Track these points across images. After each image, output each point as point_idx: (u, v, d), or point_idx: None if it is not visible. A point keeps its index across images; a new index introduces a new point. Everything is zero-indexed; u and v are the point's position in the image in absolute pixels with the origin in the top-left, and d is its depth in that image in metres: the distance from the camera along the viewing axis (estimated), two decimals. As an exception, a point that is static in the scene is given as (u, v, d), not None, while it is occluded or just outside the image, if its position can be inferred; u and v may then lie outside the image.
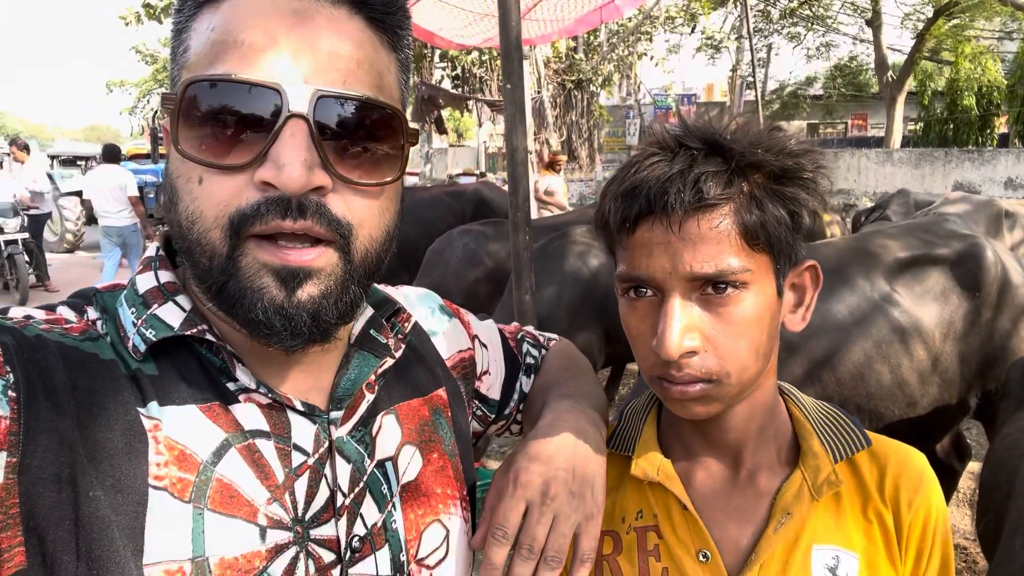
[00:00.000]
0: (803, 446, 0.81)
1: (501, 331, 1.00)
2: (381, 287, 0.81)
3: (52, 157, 15.58)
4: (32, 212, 9.69)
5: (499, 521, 0.71)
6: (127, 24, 8.58)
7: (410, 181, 15.11)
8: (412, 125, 0.65)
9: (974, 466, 3.52)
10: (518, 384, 0.98)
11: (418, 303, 0.89)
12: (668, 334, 0.69)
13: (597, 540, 0.74)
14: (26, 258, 8.91)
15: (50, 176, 13.93)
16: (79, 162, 16.56)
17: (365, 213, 0.60)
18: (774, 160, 0.71)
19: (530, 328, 1.06)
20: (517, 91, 1.67)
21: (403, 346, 0.75)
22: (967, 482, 3.71)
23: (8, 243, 8.84)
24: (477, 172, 16.12)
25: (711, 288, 0.70)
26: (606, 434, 0.86)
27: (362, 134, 0.59)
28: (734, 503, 0.81)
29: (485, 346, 0.94)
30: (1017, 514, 1.44)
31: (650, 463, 0.82)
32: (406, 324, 0.77)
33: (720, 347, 0.71)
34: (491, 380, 0.94)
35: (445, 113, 12.71)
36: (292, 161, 0.54)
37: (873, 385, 2.43)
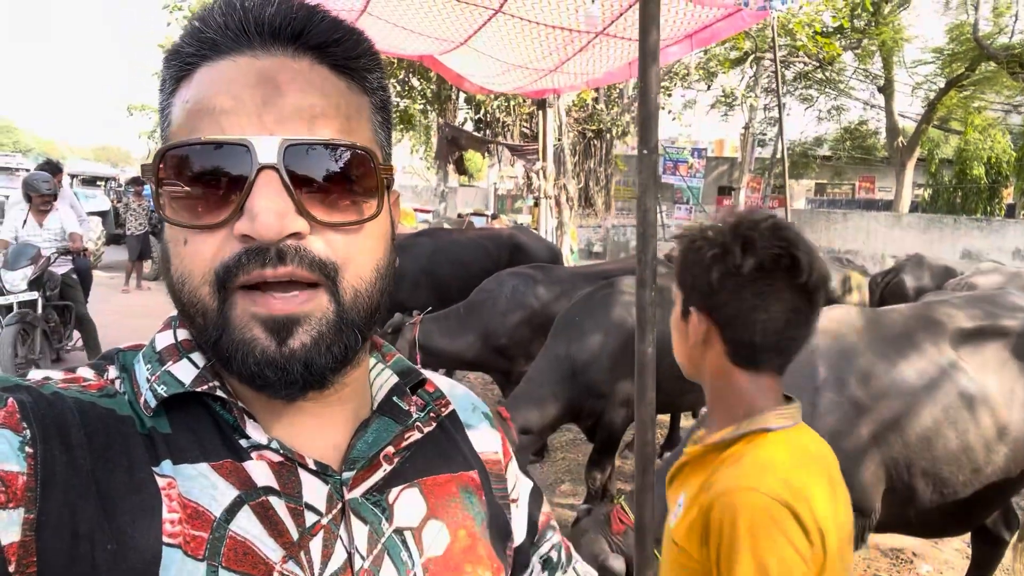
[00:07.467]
0: None
1: (533, 493, 0.89)
2: (411, 364, 0.80)
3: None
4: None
5: None
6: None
7: (422, 218, 15.15)
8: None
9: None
10: (533, 559, 0.85)
11: (460, 396, 0.83)
12: None
13: None
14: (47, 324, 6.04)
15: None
16: (99, 182, 16.76)
17: (349, 252, 0.60)
18: None
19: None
20: (652, 157, 1.75)
21: (434, 423, 0.73)
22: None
23: (23, 303, 5.77)
24: (488, 213, 16.27)
25: None
26: None
27: (335, 176, 0.59)
28: None
29: (516, 481, 0.85)
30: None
31: None
32: (443, 408, 0.74)
33: None
34: (515, 511, 0.85)
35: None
36: (264, 210, 0.55)
37: (940, 449, 2.47)
